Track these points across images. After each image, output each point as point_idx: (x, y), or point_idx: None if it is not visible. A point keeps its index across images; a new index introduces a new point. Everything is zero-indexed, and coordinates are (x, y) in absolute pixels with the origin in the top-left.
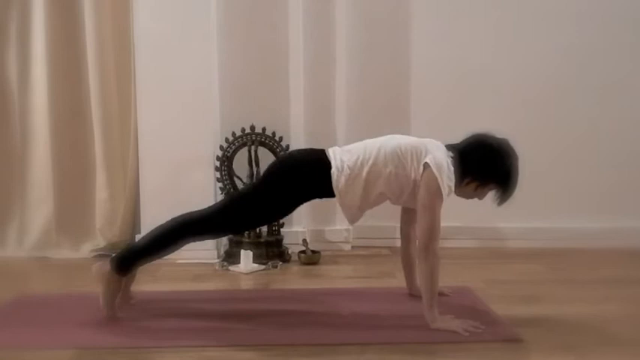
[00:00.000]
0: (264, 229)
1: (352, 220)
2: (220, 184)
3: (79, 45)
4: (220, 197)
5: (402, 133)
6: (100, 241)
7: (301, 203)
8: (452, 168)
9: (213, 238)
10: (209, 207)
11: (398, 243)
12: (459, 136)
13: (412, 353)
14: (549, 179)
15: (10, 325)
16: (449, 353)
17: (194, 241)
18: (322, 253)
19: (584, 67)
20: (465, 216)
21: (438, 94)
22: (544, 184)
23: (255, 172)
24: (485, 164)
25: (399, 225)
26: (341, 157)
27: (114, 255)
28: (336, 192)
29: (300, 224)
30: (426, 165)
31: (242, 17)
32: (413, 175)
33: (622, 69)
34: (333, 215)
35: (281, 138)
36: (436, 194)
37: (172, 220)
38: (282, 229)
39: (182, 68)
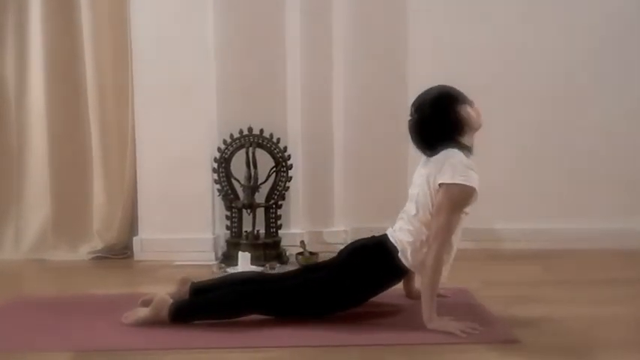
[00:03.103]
0: (262, 230)
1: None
2: (218, 186)
3: (76, 50)
4: (218, 200)
5: (399, 136)
6: (98, 243)
7: (379, 290)
8: (463, 159)
9: (276, 316)
10: (278, 279)
11: None
12: None
13: (408, 354)
14: (546, 181)
15: (7, 328)
16: (446, 355)
17: (258, 314)
18: (320, 254)
19: (588, 78)
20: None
21: None
22: (541, 186)
23: (252, 174)
24: (446, 123)
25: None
26: (398, 238)
27: (176, 304)
28: (415, 270)
29: (298, 226)
30: (441, 185)
31: (240, 20)
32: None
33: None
34: (331, 217)
35: (279, 139)
36: (451, 199)
37: (238, 288)
38: (280, 231)
39: (180, 71)
